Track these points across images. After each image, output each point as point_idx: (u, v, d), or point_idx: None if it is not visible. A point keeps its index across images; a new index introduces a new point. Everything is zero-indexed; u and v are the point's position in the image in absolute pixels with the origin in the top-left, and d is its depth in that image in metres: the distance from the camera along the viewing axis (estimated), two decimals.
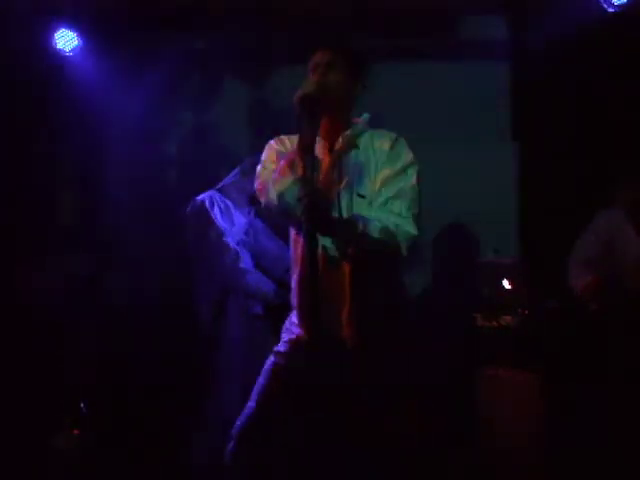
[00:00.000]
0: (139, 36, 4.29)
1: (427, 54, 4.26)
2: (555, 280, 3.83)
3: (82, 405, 3.70)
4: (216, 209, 3.54)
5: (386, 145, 2.59)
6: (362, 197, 2.54)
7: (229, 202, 3.61)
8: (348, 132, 2.60)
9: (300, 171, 2.37)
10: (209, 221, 3.51)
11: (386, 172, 2.55)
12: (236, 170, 3.68)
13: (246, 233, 3.65)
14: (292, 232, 2.68)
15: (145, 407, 3.93)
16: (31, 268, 4.11)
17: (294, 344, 2.63)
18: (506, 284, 3.67)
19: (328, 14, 4.13)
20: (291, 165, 2.46)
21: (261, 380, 2.66)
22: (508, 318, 3.56)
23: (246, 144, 3.88)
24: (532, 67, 4.20)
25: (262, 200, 2.62)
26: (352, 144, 2.60)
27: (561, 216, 4.08)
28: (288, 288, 2.75)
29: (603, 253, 3.68)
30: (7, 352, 3.84)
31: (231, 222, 3.57)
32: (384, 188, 2.53)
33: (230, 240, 3.51)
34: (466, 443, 3.41)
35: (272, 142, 2.71)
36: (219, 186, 3.66)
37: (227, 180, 3.69)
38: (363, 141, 2.62)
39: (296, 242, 2.64)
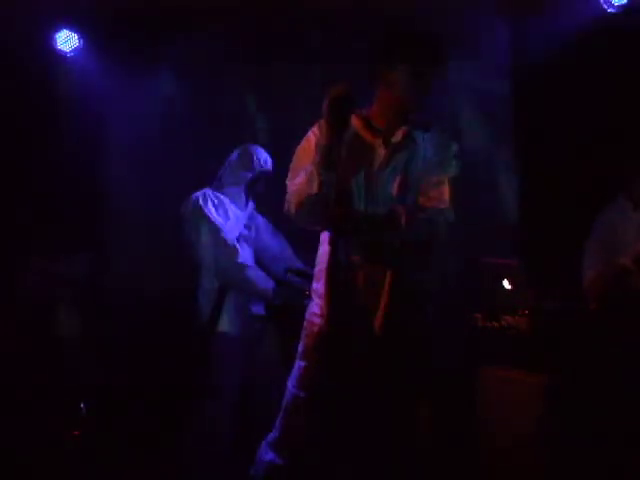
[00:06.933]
0: (139, 36, 4.30)
1: None
2: (555, 280, 3.82)
3: (82, 405, 3.71)
4: (210, 205, 3.54)
5: (436, 137, 2.63)
6: (408, 187, 2.56)
7: (223, 197, 3.60)
8: (406, 127, 2.60)
9: (316, 188, 2.41)
10: (204, 218, 3.51)
11: (433, 160, 2.59)
12: (226, 162, 3.68)
13: (247, 227, 3.64)
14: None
15: (144, 407, 3.94)
16: (30, 268, 4.11)
17: (316, 337, 2.61)
18: (506, 284, 3.66)
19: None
20: (310, 178, 2.45)
21: (293, 391, 2.62)
22: (508, 318, 3.55)
23: (247, 141, 3.87)
24: (532, 67, 4.21)
25: (286, 204, 2.61)
26: (409, 139, 2.60)
27: (561, 216, 4.08)
28: (288, 287, 2.76)
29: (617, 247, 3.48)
30: (6, 352, 3.83)
31: (226, 216, 3.56)
32: (428, 176, 2.57)
33: (227, 236, 3.51)
34: (466, 443, 3.40)
35: (315, 129, 2.60)
36: (212, 185, 3.66)
37: (220, 173, 3.69)
38: (417, 134, 2.62)
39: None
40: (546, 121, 4.24)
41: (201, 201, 3.53)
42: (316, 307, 2.65)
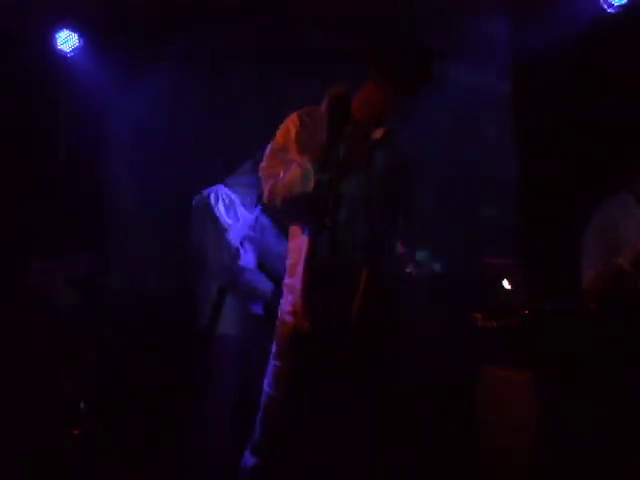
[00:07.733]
0: (139, 36, 4.30)
1: None
2: (555, 280, 3.83)
3: (82, 405, 3.70)
4: (220, 204, 3.55)
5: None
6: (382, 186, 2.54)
7: (235, 197, 3.61)
8: (387, 128, 2.57)
9: (312, 186, 2.36)
10: (212, 216, 3.52)
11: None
12: (247, 164, 3.67)
13: (253, 228, 3.65)
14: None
15: (144, 407, 3.93)
16: (30, 268, 4.11)
17: (289, 337, 2.59)
18: (506, 284, 3.66)
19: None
20: (305, 176, 2.39)
21: (269, 390, 2.61)
22: (508, 318, 3.55)
23: (247, 140, 3.87)
24: (532, 67, 4.21)
25: (264, 189, 2.56)
26: (389, 138, 2.58)
27: (561, 216, 4.08)
28: None
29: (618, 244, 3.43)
30: (7, 352, 3.83)
31: (235, 218, 3.57)
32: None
33: (232, 237, 3.51)
34: (466, 443, 3.40)
35: (295, 116, 2.56)
36: (227, 180, 3.66)
37: (237, 174, 3.68)
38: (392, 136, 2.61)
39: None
40: (546, 121, 4.24)
41: (212, 199, 3.54)
42: (288, 305, 2.61)
